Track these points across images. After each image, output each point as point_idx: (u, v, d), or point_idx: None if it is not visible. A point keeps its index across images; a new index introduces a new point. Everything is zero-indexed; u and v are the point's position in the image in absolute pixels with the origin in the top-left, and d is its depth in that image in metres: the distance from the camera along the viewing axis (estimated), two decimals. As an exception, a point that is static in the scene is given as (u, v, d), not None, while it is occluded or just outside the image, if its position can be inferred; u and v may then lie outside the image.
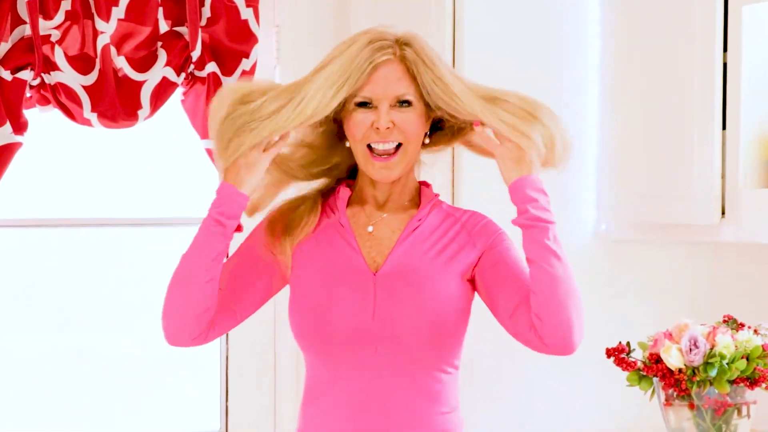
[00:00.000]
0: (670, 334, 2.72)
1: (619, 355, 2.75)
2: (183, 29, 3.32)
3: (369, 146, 2.22)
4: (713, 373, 2.63)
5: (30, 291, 3.39)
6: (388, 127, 2.20)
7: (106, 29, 3.23)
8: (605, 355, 2.77)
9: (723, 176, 2.93)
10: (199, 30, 3.30)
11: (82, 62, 3.21)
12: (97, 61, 3.22)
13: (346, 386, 2.24)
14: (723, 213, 2.93)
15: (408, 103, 2.22)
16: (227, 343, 3.54)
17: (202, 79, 3.35)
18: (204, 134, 3.37)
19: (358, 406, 2.23)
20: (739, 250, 3.35)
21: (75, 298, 3.43)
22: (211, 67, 3.33)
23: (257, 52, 3.39)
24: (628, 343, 2.77)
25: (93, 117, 3.23)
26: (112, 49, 3.24)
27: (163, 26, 3.30)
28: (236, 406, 3.55)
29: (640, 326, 3.14)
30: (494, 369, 3.04)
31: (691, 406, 2.69)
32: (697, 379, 2.64)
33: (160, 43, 3.30)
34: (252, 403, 3.56)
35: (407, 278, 2.23)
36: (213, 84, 3.33)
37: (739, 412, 2.69)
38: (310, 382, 2.31)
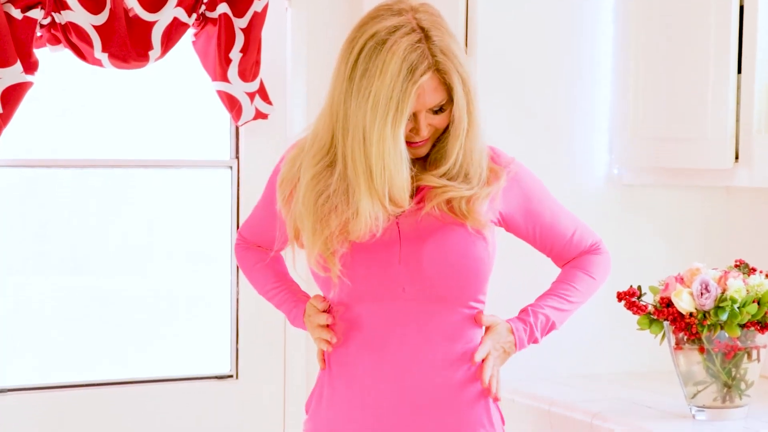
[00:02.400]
0: (682, 278, 2.71)
1: (630, 298, 2.75)
2: (194, -31, 3.29)
3: None
4: (724, 317, 2.62)
5: (41, 231, 3.39)
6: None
7: (117, -32, 3.21)
8: (616, 299, 2.77)
9: (737, 120, 2.92)
10: (211, -30, 3.28)
11: (92, 2, 3.19)
12: (108, 0, 3.20)
13: (372, 325, 2.31)
14: (736, 157, 2.92)
15: (442, 108, 2.27)
16: (237, 286, 3.54)
17: (213, 20, 3.32)
18: (215, 76, 3.35)
19: (384, 342, 2.30)
20: (752, 194, 3.33)
21: (86, 239, 3.43)
22: (223, 8, 3.30)
23: (269, -6, 3.37)
24: (639, 287, 2.76)
25: (104, 57, 3.21)
26: (123, -11, 3.22)
27: (175, -34, 3.28)
28: (247, 350, 3.56)
29: (652, 271, 3.14)
30: (508, 309, 3.05)
31: (702, 350, 2.69)
32: (708, 323, 2.64)
33: (171, -17, 3.27)
34: (263, 347, 3.57)
35: (429, 220, 2.29)
36: (224, 25, 3.30)
37: (750, 356, 2.69)
38: (334, 317, 2.36)
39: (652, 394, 3.01)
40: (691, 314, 2.66)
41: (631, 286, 2.76)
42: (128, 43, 3.22)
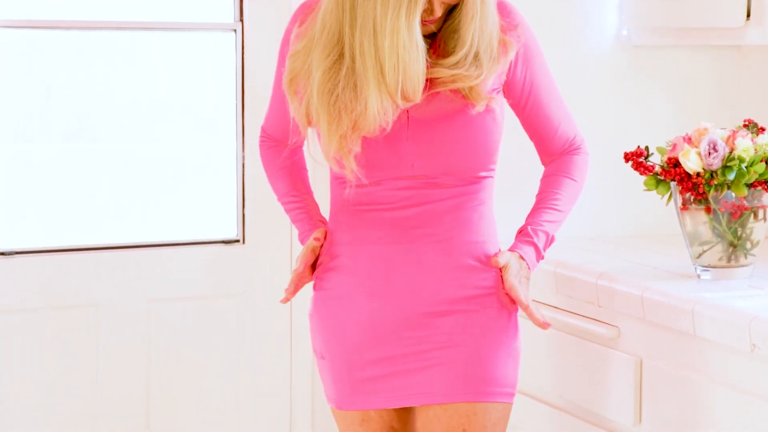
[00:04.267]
0: (689, 138, 2.69)
1: (637, 159, 2.73)
2: None
3: None
4: (731, 176, 2.61)
5: (44, 95, 3.36)
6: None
7: None
8: (623, 160, 2.75)
9: (749, -24, 2.87)
10: None
11: None
12: None
13: (382, 202, 2.32)
14: (748, 15, 2.88)
15: None
16: (243, 151, 3.53)
17: None
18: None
19: (394, 214, 2.32)
20: (763, 53, 3.30)
21: (90, 103, 3.41)
22: None
23: None
24: (646, 148, 2.74)
25: None
26: None
27: None
28: (253, 215, 3.56)
29: (662, 132, 3.12)
30: (514, 171, 3.05)
31: (708, 210, 2.68)
32: (715, 182, 2.62)
33: None
34: (269, 213, 3.57)
35: (435, 100, 2.27)
36: None
37: (756, 215, 2.68)
38: (341, 191, 2.37)
39: (658, 255, 3.01)
40: (698, 174, 2.64)
41: (638, 147, 2.74)
42: None
